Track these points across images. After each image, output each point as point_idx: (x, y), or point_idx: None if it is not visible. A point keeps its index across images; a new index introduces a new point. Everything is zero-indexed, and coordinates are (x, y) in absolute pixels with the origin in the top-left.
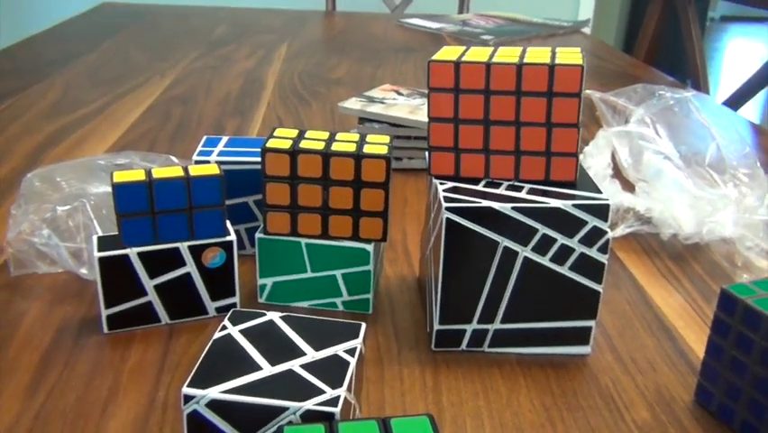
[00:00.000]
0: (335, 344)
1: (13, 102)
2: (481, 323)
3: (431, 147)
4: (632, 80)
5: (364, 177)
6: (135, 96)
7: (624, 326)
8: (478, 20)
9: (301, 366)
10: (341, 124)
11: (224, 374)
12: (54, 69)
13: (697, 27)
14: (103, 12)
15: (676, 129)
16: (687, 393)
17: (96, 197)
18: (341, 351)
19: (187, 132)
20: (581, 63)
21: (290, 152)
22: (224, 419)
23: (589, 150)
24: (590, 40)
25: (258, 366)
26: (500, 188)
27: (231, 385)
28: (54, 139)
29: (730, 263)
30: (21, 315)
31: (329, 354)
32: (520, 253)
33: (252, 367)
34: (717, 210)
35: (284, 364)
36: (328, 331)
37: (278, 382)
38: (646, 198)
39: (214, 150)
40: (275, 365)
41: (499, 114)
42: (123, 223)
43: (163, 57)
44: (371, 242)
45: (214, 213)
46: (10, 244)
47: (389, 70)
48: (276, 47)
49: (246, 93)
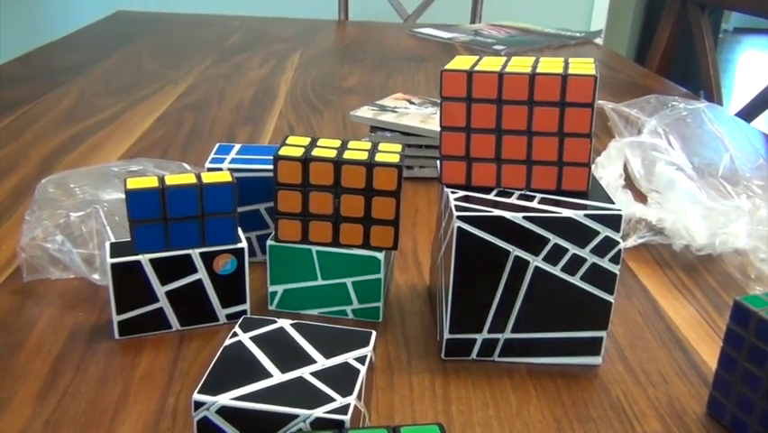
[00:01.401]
0: (345, 351)
1: (30, 108)
2: (492, 332)
3: (442, 156)
4: (645, 91)
5: (376, 185)
6: (149, 103)
7: (635, 337)
8: (490, 30)
9: (311, 374)
10: (352, 133)
11: (234, 381)
12: (70, 75)
13: (710, 38)
14: (118, 19)
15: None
16: (699, 406)
17: (109, 203)
18: (351, 359)
19: (200, 139)
20: (594, 73)
21: (302, 160)
22: (234, 426)
23: (601, 160)
24: (603, 50)
25: (268, 373)
26: (512, 198)
27: (241, 392)
28: (68, 145)
29: (743, 275)
30: (33, 320)
31: (339, 361)
32: (531, 262)
33: (263, 374)
34: (731, 221)
35: (294, 372)
36: (338, 339)
37: (288, 390)
38: (659, 209)
39: (226, 157)
40: (285, 373)
41: (512, 123)
42: (136, 229)
43: (177, 65)
44: (382, 250)
45: (226, 220)
46: (23, 250)
47: (401, 79)
48: (288, 56)
49: (258, 101)
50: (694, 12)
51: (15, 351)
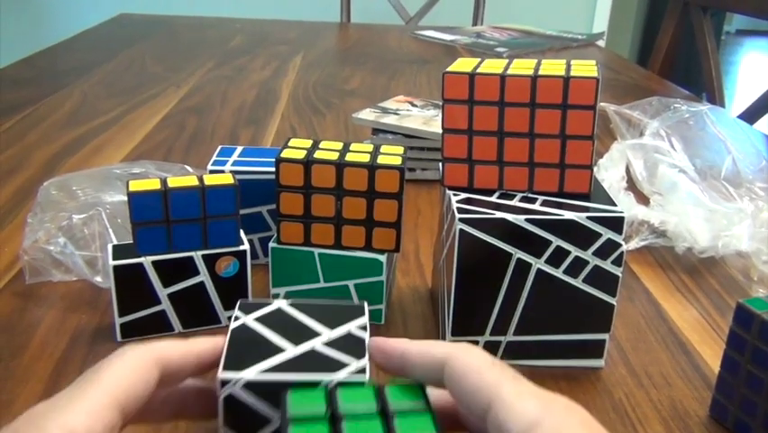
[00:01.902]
0: (346, 322)
1: (33, 111)
2: (494, 335)
3: (444, 158)
4: (647, 93)
5: (378, 187)
6: (151, 105)
7: (638, 339)
8: (492, 32)
9: (322, 344)
10: (354, 135)
11: (252, 359)
12: (72, 78)
13: (712, 40)
14: (120, 22)
15: (691, 142)
16: (702, 408)
17: (111, 205)
18: (353, 328)
19: (202, 141)
20: (596, 76)
21: (304, 162)
22: (261, 399)
23: (603, 162)
24: (605, 53)
25: (281, 348)
26: (514, 200)
27: (264, 366)
28: (71, 148)
29: (746, 277)
30: (35, 323)
31: (343, 331)
32: (534, 264)
33: (277, 350)
34: (733, 224)
35: (306, 344)
36: (335, 312)
37: (305, 360)
38: (661, 211)
39: (228, 159)
40: (297, 346)
41: (514, 125)
42: (138, 231)
43: (179, 67)
44: (384, 252)
45: (228, 222)
46: (26, 252)
47: (403, 82)
48: (290, 58)
49: (261, 103)
50: (696, 14)
51: (18, 353)
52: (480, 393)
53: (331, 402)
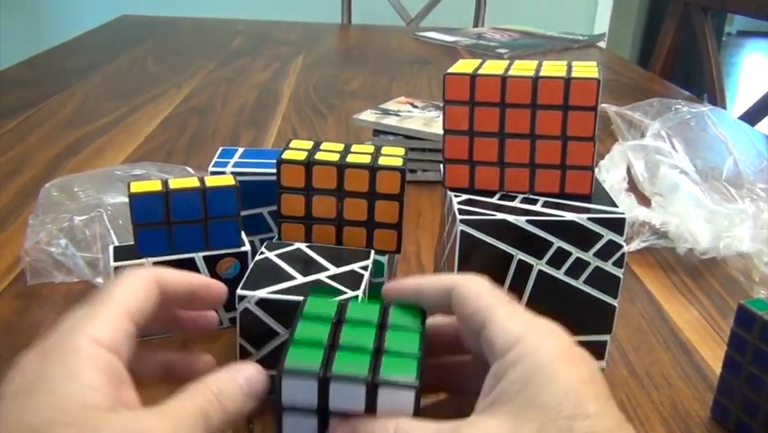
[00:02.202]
0: (352, 263)
1: (34, 112)
2: None
3: (445, 159)
4: (648, 95)
5: (379, 189)
6: (152, 107)
7: (639, 340)
8: (493, 33)
9: (327, 277)
10: (355, 136)
11: (267, 282)
12: (74, 79)
13: (713, 42)
14: (122, 23)
15: (692, 143)
16: (703, 409)
17: (112, 207)
18: (356, 267)
19: (203, 143)
20: (597, 77)
21: (305, 164)
22: (269, 316)
23: (604, 163)
24: (606, 54)
25: (293, 277)
26: (515, 201)
27: (274, 289)
28: (72, 149)
29: (747, 279)
30: (37, 324)
31: (347, 269)
32: (535, 266)
33: (288, 278)
34: (734, 225)
35: (313, 276)
36: (345, 255)
37: (309, 287)
38: (662, 213)
39: (229, 161)
40: (306, 276)
41: (514, 126)
42: (139, 233)
43: (180, 68)
44: (385, 253)
45: (230, 223)
46: (27, 254)
47: (404, 83)
48: (291, 59)
49: (262, 105)
50: (697, 15)
51: (19, 354)
52: (478, 315)
53: (340, 311)
